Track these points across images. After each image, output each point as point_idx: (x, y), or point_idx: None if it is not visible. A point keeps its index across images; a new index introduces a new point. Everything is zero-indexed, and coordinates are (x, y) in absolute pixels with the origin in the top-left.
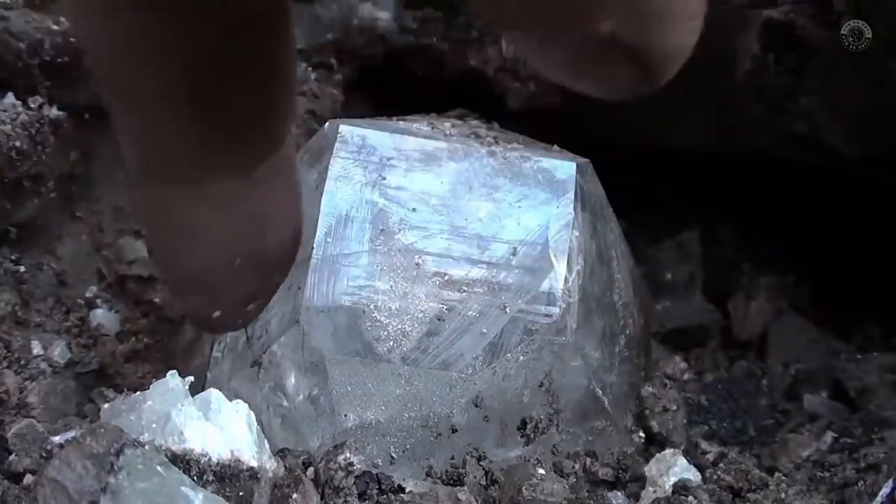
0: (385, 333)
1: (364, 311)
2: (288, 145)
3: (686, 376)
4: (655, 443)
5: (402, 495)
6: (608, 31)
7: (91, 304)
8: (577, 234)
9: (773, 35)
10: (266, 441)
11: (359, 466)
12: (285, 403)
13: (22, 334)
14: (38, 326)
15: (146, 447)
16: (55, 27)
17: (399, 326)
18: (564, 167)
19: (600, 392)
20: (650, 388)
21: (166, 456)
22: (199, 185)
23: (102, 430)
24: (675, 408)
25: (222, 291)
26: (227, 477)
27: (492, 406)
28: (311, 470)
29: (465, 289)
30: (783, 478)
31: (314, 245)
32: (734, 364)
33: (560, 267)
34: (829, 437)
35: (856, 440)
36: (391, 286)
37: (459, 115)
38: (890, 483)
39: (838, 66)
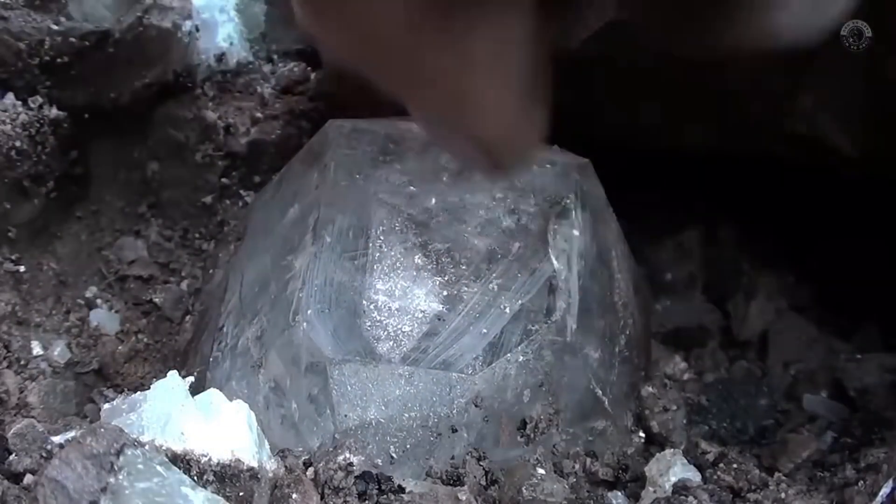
0: (385, 333)
1: (364, 311)
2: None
3: (686, 376)
4: (655, 443)
5: (402, 495)
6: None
7: (91, 304)
8: (577, 234)
9: None
10: (266, 441)
11: (359, 466)
12: (285, 404)
13: (22, 334)
14: (38, 326)
15: (146, 447)
16: (55, 27)
17: (399, 326)
18: (564, 167)
19: (600, 392)
20: (650, 388)
21: (166, 456)
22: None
23: (102, 430)
24: (675, 408)
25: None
26: (227, 477)
27: (492, 406)
28: (311, 470)
29: (466, 289)
30: (783, 478)
31: (314, 245)
32: (734, 364)
33: (560, 267)
34: (829, 437)
35: (856, 440)
36: (391, 286)
37: None
38: (890, 483)
39: (838, 66)
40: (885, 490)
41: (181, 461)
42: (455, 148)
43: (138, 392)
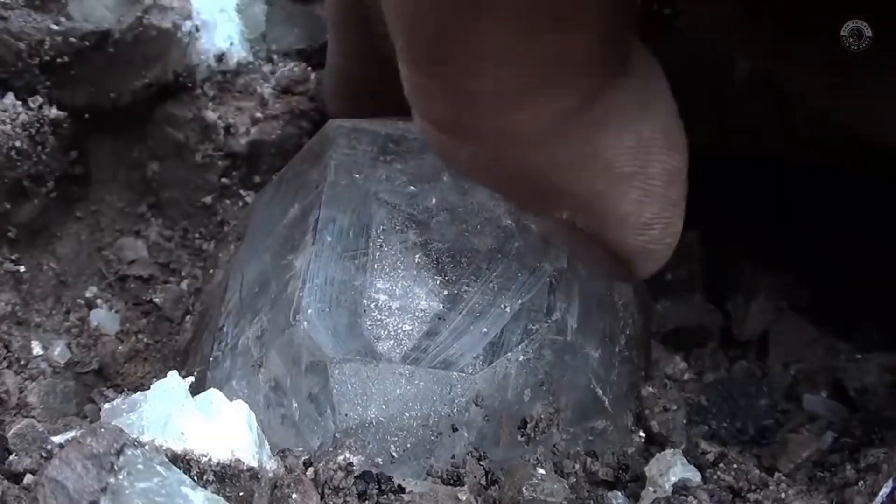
0: (385, 333)
1: (364, 311)
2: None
3: (686, 376)
4: (655, 443)
5: (402, 495)
6: (567, 218)
7: (91, 304)
8: None
9: None
10: (266, 441)
11: (359, 466)
12: (285, 403)
13: (22, 334)
14: (38, 326)
15: (146, 447)
16: (55, 27)
17: (399, 325)
18: None
19: (600, 392)
20: (650, 388)
21: (166, 456)
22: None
23: (102, 430)
24: (675, 408)
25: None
26: (227, 477)
27: (492, 406)
28: (311, 470)
29: (466, 288)
30: (783, 478)
31: (315, 244)
32: (734, 364)
33: (560, 266)
34: (829, 437)
35: (856, 440)
36: (391, 285)
37: None
38: (890, 483)
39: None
40: (885, 490)
41: (181, 461)
42: (589, 256)
43: (138, 392)
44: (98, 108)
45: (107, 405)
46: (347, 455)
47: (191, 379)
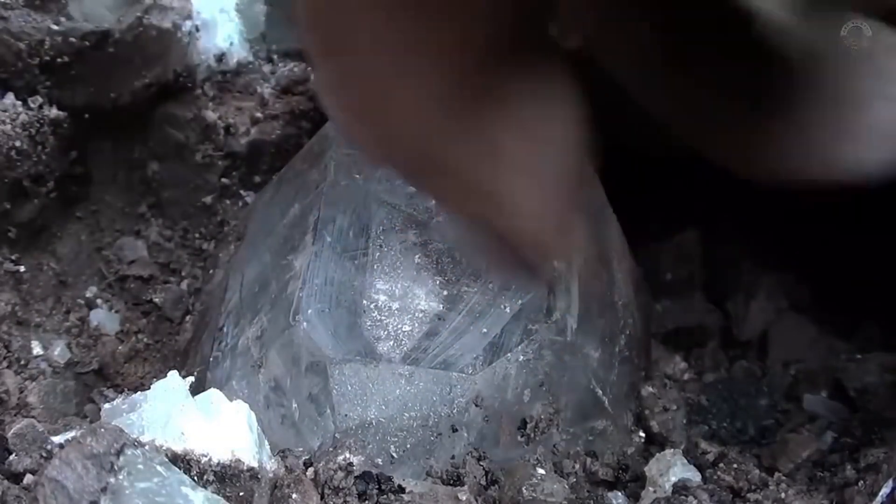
0: (385, 333)
1: (364, 311)
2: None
3: (686, 376)
4: (655, 443)
5: (402, 495)
6: (474, 213)
7: (91, 304)
8: (577, 234)
9: None
10: (266, 441)
11: (359, 466)
12: (285, 403)
13: (22, 334)
14: (38, 326)
15: (146, 447)
16: (55, 27)
17: (399, 326)
18: None
19: (600, 392)
20: (650, 388)
21: (166, 456)
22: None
23: (102, 430)
24: (675, 408)
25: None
26: (227, 477)
27: (492, 406)
28: (311, 470)
29: (466, 288)
30: (783, 478)
31: (315, 244)
32: (734, 364)
33: (560, 267)
34: (829, 437)
35: (856, 440)
36: (391, 286)
37: None
38: (890, 483)
39: None
40: (885, 490)
41: (181, 461)
42: (485, 247)
43: (138, 392)
44: (98, 108)
45: (107, 405)
46: (347, 455)
47: (191, 379)
